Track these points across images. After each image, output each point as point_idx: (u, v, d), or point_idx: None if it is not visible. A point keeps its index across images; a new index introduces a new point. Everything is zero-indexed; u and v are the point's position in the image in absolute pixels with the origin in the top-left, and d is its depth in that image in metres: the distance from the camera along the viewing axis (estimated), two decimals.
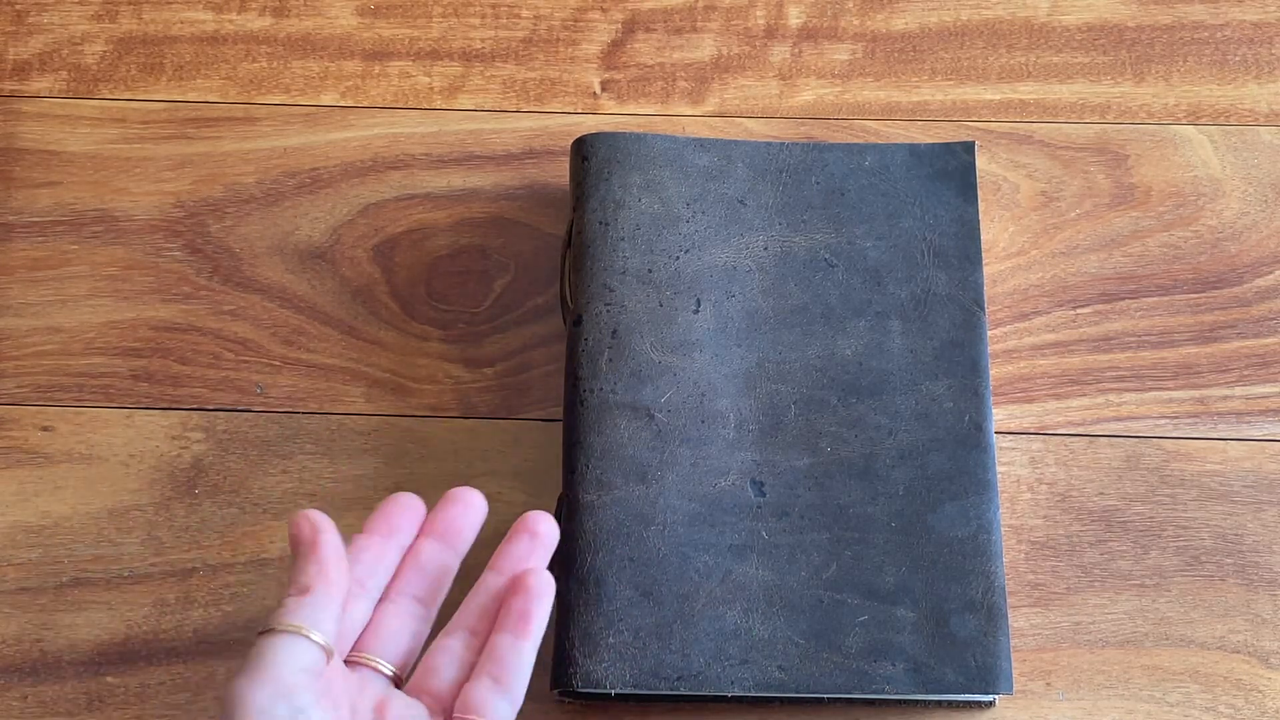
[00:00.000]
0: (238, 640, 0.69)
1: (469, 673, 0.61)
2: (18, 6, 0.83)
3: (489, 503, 0.71)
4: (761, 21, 0.83)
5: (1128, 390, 0.74)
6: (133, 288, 0.76)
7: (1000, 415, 0.73)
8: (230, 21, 0.82)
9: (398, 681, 0.61)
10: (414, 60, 0.82)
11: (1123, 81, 0.81)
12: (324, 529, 0.59)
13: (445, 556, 0.63)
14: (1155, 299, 0.76)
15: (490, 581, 0.63)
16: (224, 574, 0.70)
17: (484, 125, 0.80)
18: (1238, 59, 0.81)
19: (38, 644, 0.69)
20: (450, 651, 0.62)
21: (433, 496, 0.71)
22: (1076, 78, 0.81)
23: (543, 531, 0.64)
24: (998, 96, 0.81)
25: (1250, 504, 0.72)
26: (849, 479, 0.68)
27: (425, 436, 0.73)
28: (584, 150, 0.74)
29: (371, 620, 0.62)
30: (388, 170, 0.79)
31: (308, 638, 0.56)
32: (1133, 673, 0.69)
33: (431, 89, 0.81)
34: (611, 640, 0.65)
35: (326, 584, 0.58)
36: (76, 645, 0.69)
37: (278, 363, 0.74)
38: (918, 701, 0.67)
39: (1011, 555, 0.70)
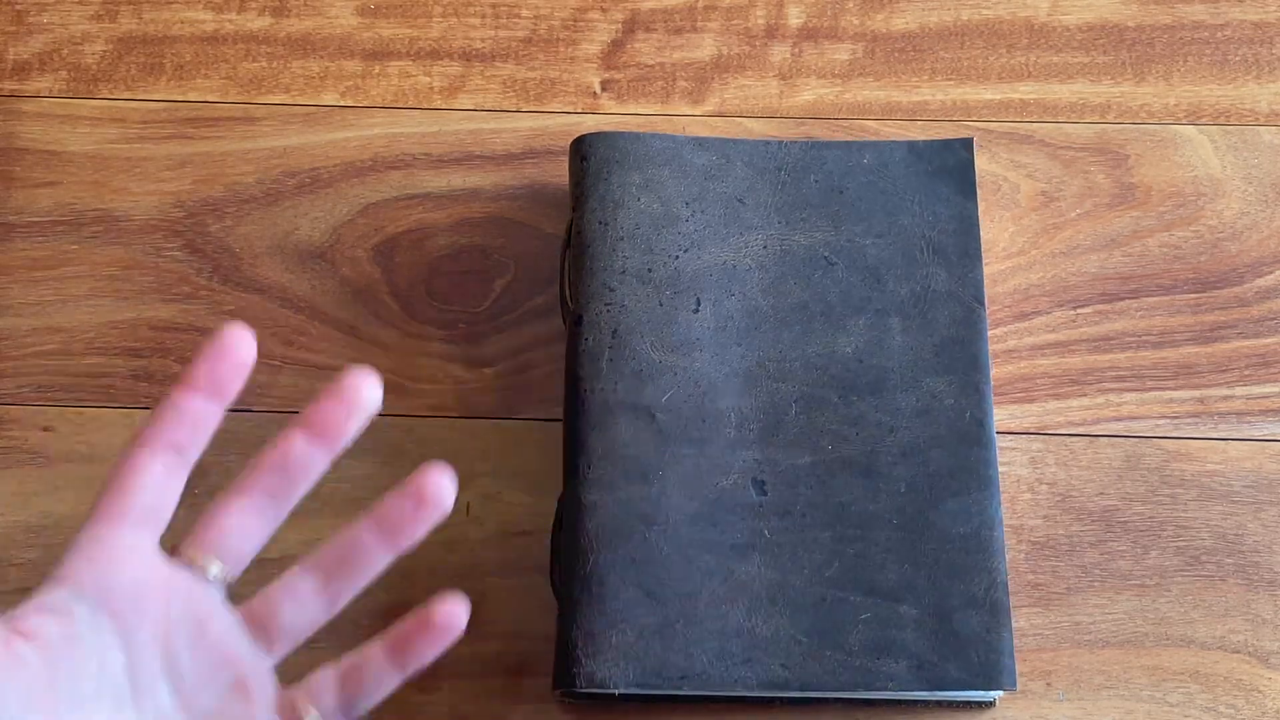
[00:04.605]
0: None
1: (308, 628, 0.58)
2: (18, 6, 0.83)
3: (489, 503, 0.71)
4: (761, 21, 0.83)
5: (1128, 390, 0.74)
6: (133, 288, 0.76)
7: (1001, 415, 0.73)
8: (230, 21, 0.82)
9: (224, 588, 0.57)
10: (414, 60, 0.82)
11: (1123, 81, 0.81)
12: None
13: (314, 455, 0.57)
14: (1155, 299, 0.76)
15: (370, 532, 0.58)
16: None
17: (484, 125, 0.80)
18: (1238, 59, 0.82)
19: None
20: (298, 595, 0.58)
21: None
22: (1076, 78, 0.81)
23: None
24: (998, 96, 0.81)
25: (1250, 504, 0.72)
26: (850, 477, 0.68)
27: (425, 436, 0.73)
28: (583, 150, 0.74)
29: (211, 511, 0.57)
30: (388, 170, 0.79)
31: None
32: (1133, 673, 0.69)
33: (431, 89, 0.81)
34: (614, 640, 0.65)
35: None
36: None
37: (278, 363, 0.74)
38: (919, 701, 0.67)
39: (1011, 555, 0.70)
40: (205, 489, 0.72)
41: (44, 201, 0.78)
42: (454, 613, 0.57)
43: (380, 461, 0.72)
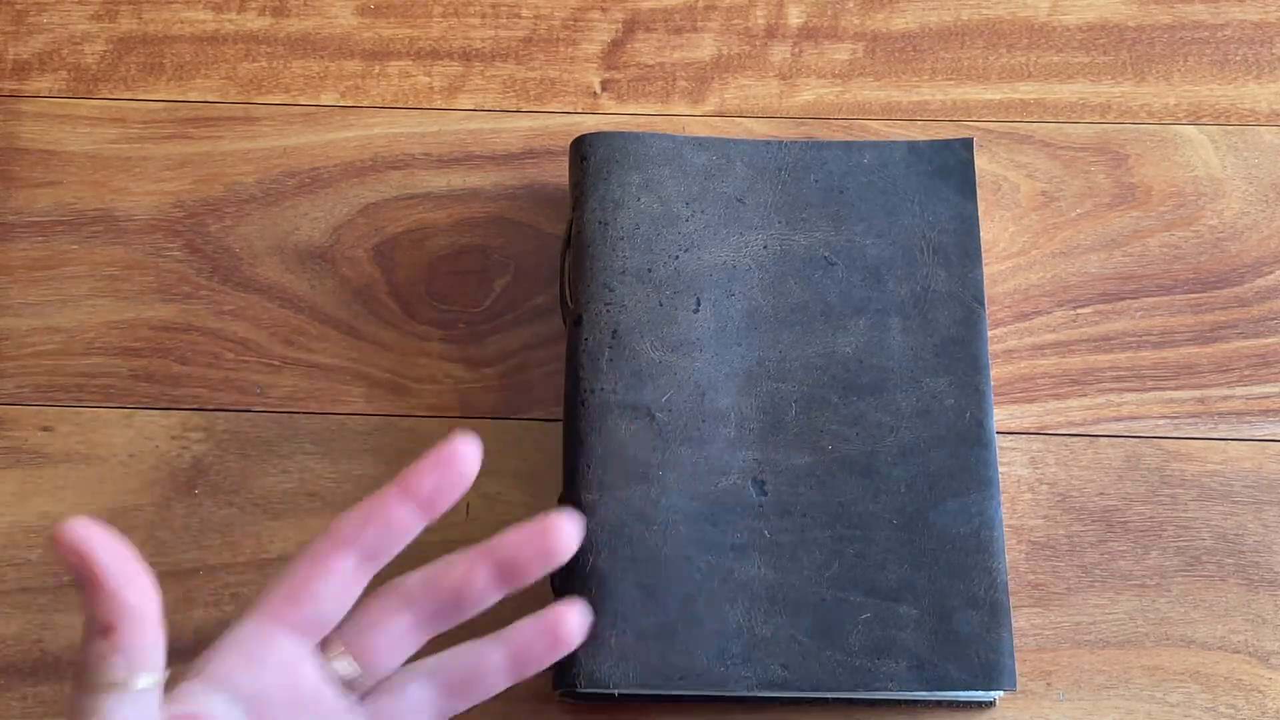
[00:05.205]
0: None
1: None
2: (18, 6, 0.83)
3: (489, 504, 0.72)
4: (762, 21, 0.83)
5: (1128, 390, 0.74)
6: (133, 288, 0.76)
7: (1001, 415, 0.73)
8: (230, 21, 0.82)
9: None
10: (414, 60, 0.82)
11: (1123, 81, 0.81)
12: (96, 544, 0.49)
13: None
14: (1156, 299, 0.76)
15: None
16: (224, 574, 0.70)
17: (484, 125, 0.80)
18: (1238, 59, 0.82)
19: (38, 644, 0.69)
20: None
21: None
22: (1077, 77, 0.81)
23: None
24: (998, 96, 0.81)
25: (1250, 504, 0.72)
26: (850, 477, 0.68)
27: (425, 436, 0.73)
28: (583, 150, 0.74)
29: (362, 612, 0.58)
30: (388, 170, 0.79)
31: (135, 690, 0.50)
32: (1133, 673, 0.69)
33: (431, 89, 0.81)
34: (614, 640, 0.65)
35: (130, 617, 0.50)
36: (76, 645, 0.69)
37: (278, 363, 0.74)
38: (919, 701, 0.67)
39: (1011, 555, 0.70)
40: (205, 488, 0.72)
41: (44, 201, 0.78)
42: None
43: (380, 462, 0.72)
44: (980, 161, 0.78)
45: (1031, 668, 0.68)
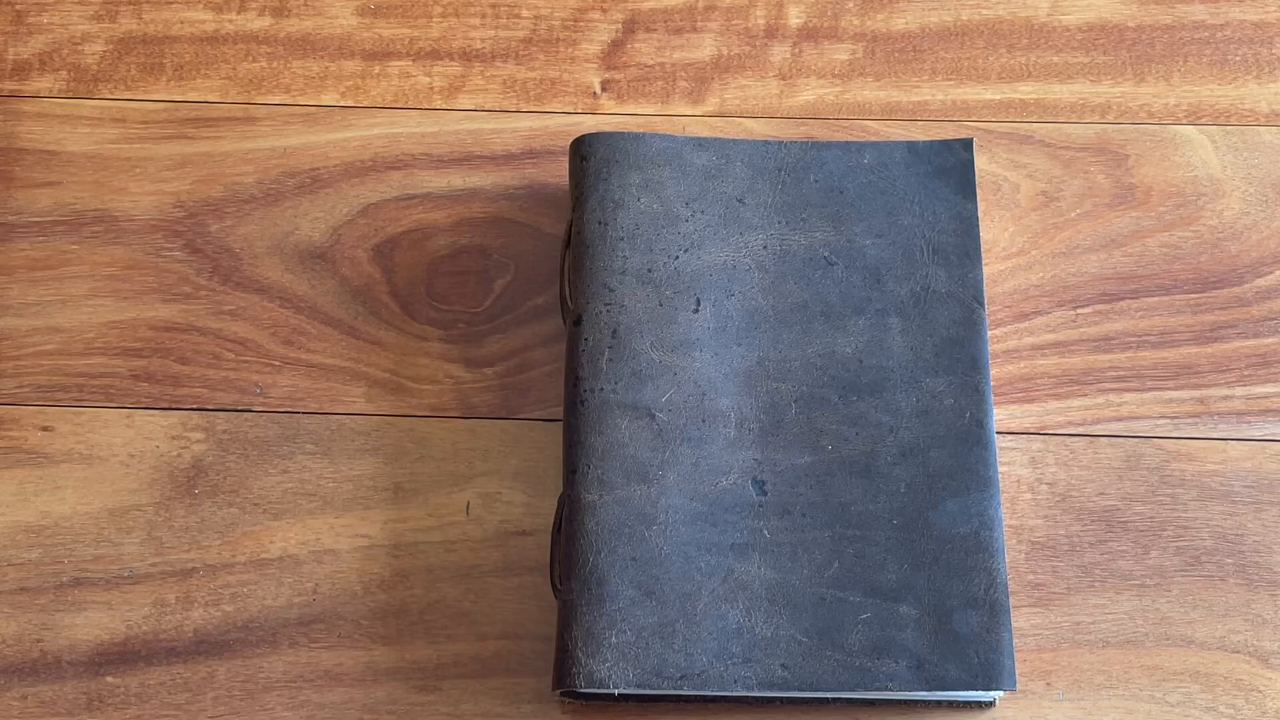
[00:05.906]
0: (238, 640, 0.69)
1: None
2: (18, 6, 0.82)
3: (489, 503, 0.72)
4: (761, 21, 0.83)
5: (1128, 390, 0.74)
6: (133, 288, 0.76)
7: (1001, 415, 0.73)
8: (230, 21, 0.82)
9: None
10: (414, 60, 0.82)
11: (1123, 81, 0.81)
12: None
13: None
14: (1155, 299, 0.76)
15: None
16: (224, 574, 0.70)
17: (484, 125, 0.80)
18: (1238, 59, 0.82)
19: (38, 644, 0.69)
20: None
21: (432, 497, 0.72)
22: (1076, 78, 0.81)
23: None
24: (998, 96, 0.81)
25: (1250, 504, 0.72)
26: (850, 477, 0.68)
27: (425, 436, 0.73)
28: (583, 150, 0.74)
29: None
30: (388, 170, 0.79)
31: None
32: (1133, 673, 0.69)
33: (431, 89, 0.81)
34: (614, 640, 0.65)
35: None
36: (76, 645, 0.69)
37: (278, 363, 0.74)
38: (919, 701, 0.67)
39: (1011, 555, 0.70)
40: (205, 488, 0.72)
41: (44, 201, 0.78)
42: None
43: (380, 461, 0.72)
44: (980, 161, 0.78)
45: (1031, 668, 0.68)
